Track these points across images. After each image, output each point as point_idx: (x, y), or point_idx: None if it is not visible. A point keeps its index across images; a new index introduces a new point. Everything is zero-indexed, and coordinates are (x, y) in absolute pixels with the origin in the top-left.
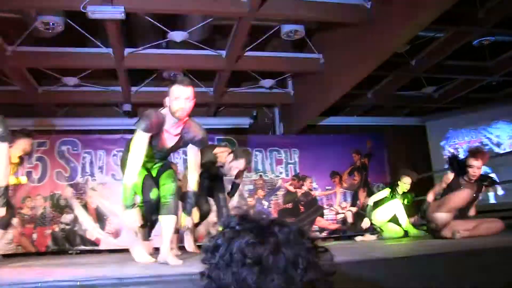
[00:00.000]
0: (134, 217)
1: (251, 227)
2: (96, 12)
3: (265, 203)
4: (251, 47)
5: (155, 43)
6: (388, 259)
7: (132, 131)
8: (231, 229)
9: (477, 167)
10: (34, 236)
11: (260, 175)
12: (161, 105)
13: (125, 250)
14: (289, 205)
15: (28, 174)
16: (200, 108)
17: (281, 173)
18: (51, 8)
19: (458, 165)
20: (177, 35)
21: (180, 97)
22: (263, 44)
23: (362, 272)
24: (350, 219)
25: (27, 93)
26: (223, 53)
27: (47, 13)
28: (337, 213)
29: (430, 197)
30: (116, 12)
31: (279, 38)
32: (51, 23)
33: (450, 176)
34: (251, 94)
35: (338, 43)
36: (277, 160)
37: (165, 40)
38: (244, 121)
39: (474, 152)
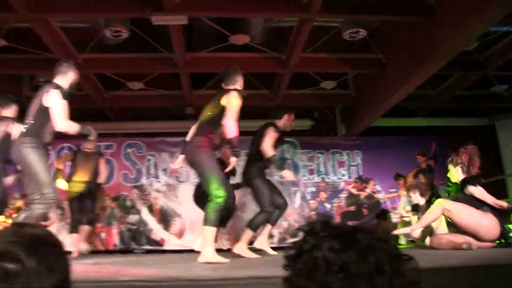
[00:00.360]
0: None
1: (335, 233)
2: (160, 18)
3: (328, 205)
4: (311, 48)
5: (217, 46)
6: (469, 266)
7: None
8: (314, 236)
9: None
10: (103, 235)
11: (322, 178)
12: None
13: (189, 251)
14: (352, 208)
15: None
16: (260, 111)
17: (343, 175)
18: (118, 17)
19: None
20: (238, 38)
21: None
22: (323, 45)
23: (441, 280)
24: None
25: (95, 97)
26: (284, 55)
27: (114, 22)
28: (402, 216)
29: None
30: (179, 17)
31: (340, 39)
32: (117, 31)
33: None
34: (312, 96)
35: (401, 42)
36: (339, 162)
37: (226, 43)
38: (305, 123)
39: None
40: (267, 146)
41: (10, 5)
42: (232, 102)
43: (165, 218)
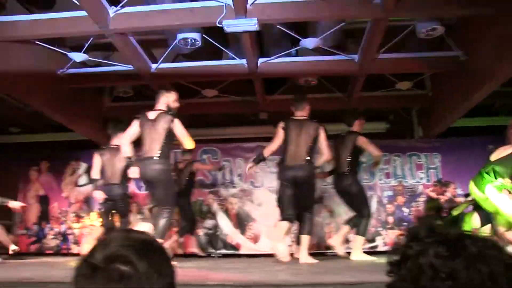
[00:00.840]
0: None
1: (441, 239)
2: (231, 26)
3: (405, 210)
4: (384, 49)
5: (288, 51)
6: None
7: (268, 139)
8: (419, 241)
9: None
10: (181, 239)
11: (400, 181)
12: None
13: (264, 255)
14: (431, 213)
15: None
16: (335, 114)
17: (421, 178)
18: (190, 26)
19: None
20: (309, 42)
21: None
22: (398, 45)
23: None
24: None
25: None
26: (356, 57)
27: (186, 31)
28: None
29: None
30: (250, 24)
31: (415, 37)
32: (190, 40)
33: None
34: (387, 98)
35: (482, 37)
36: (417, 165)
37: (297, 47)
38: (380, 126)
39: None
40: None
41: (92, 22)
42: None
43: (241, 222)
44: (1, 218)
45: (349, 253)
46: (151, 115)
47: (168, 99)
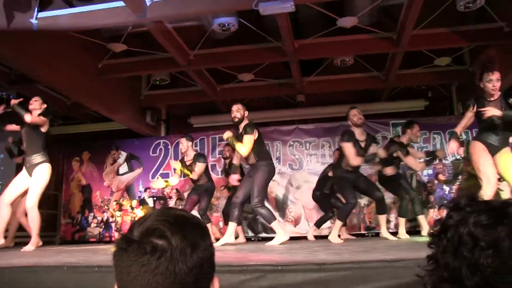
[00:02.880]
0: None
1: (482, 208)
2: (267, 8)
3: (446, 188)
4: (423, 24)
5: (325, 31)
6: None
7: (305, 121)
8: (461, 211)
9: None
10: (220, 224)
11: (440, 159)
12: (333, 94)
13: (305, 237)
14: (471, 190)
15: (212, 167)
16: (373, 93)
17: (462, 156)
18: (225, 11)
19: None
20: (346, 21)
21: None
22: (436, 19)
23: None
24: None
25: (208, 92)
26: (394, 34)
27: (222, 16)
28: None
29: None
30: (286, 5)
31: (454, 10)
32: (226, 24)
33: None
34: (426, 75)
35: None
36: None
37: (335, 27)
38: (419, 104)
39: None
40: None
41: (129, 12)
42: None
43: (280, 206)
44: (48, 208)
45: (393, 233)
46: None
47: None
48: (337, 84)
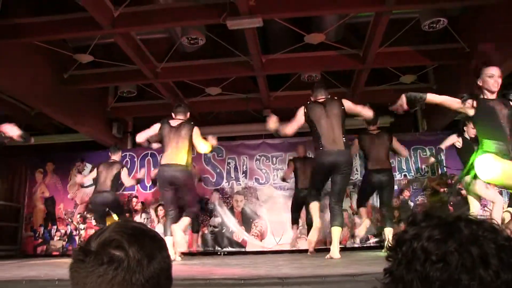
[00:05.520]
0: None
1: (436, 223)
2: (235, 22)
3: (411, 203)
4: (389, 42)
5: (292, 47)
6: None
7: (272, 136)
8: (416, 226)
9: None
10: (187, 237)
11: (405, 175)
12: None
13: (270, 252)
14: (436, 206)
15: None
16: None
17: (426, 172)
18: (193, 24)
19: None
20: (313, 37)
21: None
22: (401, 38)
23: None
24: None
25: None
26: (361, 51)
27: (191, 29)
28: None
29: None
30: (253, 20)
31: (419, 30)
32: (194, 38)
33: None
34: (391, 91)
35: (486, 28)
36: (422, 158)
37: (302, 43)
38: (385, 120)
39: None
40: None
41: (96, 23)
42: None
43: (246, 220)
44: (9, 220)
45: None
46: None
47: None
48: (304, 99)
